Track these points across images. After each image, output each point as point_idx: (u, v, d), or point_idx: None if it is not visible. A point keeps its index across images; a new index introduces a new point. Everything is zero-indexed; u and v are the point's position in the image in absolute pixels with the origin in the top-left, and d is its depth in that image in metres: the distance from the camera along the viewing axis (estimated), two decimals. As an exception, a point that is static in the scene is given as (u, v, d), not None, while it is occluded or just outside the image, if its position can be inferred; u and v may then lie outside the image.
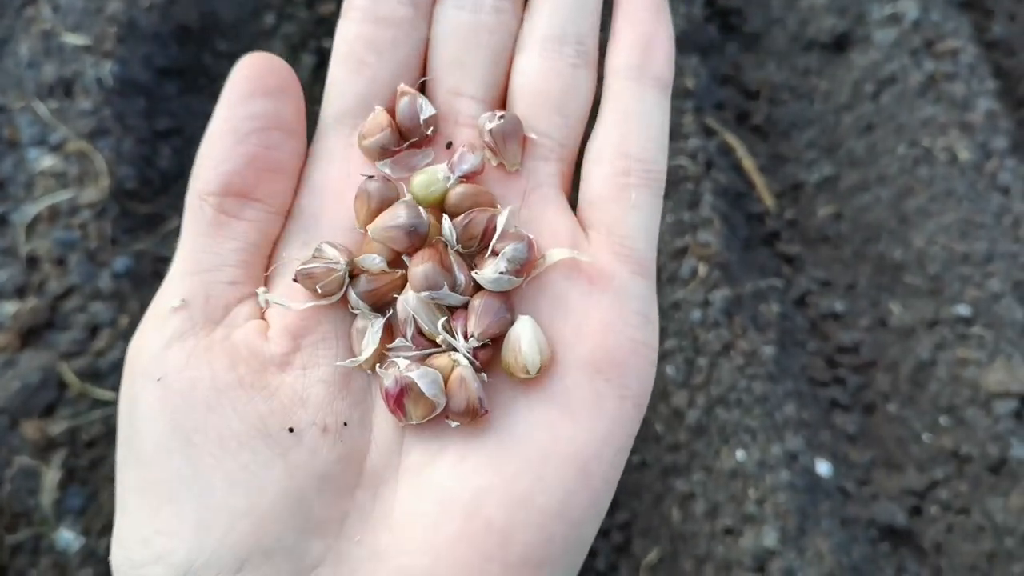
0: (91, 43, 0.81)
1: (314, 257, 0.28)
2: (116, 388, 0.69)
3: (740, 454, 0.71)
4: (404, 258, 0.29)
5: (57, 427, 0.67)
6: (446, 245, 0.29)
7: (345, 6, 0.31)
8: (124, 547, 0.26)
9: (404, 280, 0.28)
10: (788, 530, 0.68)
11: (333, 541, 0.26)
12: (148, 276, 0.74)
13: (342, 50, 0.31)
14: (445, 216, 0.29)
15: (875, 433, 0.81)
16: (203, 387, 0.26)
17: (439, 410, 0.27)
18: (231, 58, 0.90)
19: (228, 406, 0.26)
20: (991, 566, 0.74)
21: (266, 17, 0.89)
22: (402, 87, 0.30)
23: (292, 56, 0.86)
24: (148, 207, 0.78)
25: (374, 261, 0.28)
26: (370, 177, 0.29)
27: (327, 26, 0.87)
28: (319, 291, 0.28)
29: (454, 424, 0.27)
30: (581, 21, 0.31)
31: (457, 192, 0.29)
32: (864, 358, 0.85)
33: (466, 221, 0.28)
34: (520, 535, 0.25)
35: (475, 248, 0.29)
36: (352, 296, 0.28)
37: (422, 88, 0.31)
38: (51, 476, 0.65)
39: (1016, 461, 0.77)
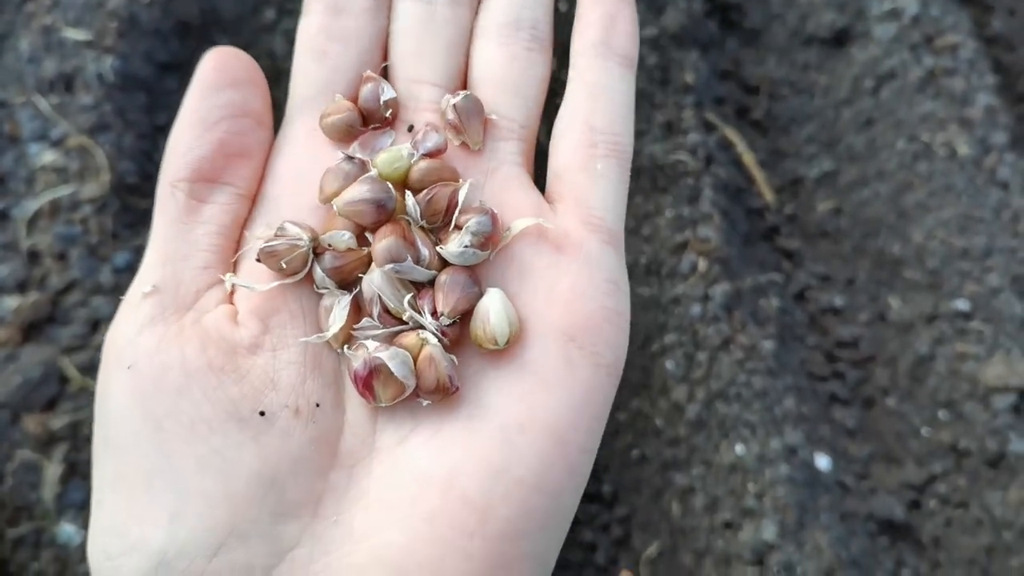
0: (92, 38, 0.81)
1: (276, 235, 0.28)
2: (117, 382, 0.69)
3: (739, 448, 0.71)
4: (368, 236, 0.29)
5: (59, 421, 0.67)
6: (409, 222, 0.29)
7: (305, 1, 0.32)
8: (99, 541, 0.26)
9: (370, 259, 0.28)
10: (787, 524, 0.68)
11: (308, 522, 0.26)
12: (149, 271, 0.74)
13: (304, 41, 0.32)
14: (408, 192, 0.29)
15: (874, 427, 0.81)
16: (173, 372, 0.26)
17: (409, 391, 0.27)
18: (231, 53, 0.90)
19: (198, 390, 0.26)
20: (990, 560, 0.75)
21: (266, 12, 0.89)
22: (367, 73, 0.31)
23: (292, 51, 0.86)
24: (149, 202, 0.78)
25: (342, 237, 0.28)
26: (348, 158, 0.29)
27: (327, 21, 0.87)
28: (283, 268, 0.28)
29: (425, 403, 0.27)
30: (535, 7, 0.32)
31: (419, 168, 0.29)
32: (863, 352, 0.85)
33: (429, 196, 0.28)
34: (498, 508, 0.25)
35: (439, 223, 0.29)
36: (318, 273, 0.28)
37: (384, 75, 0.32)
38: (52, 470, 0.66)
39: (1015, 455, 0.77)
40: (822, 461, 0.74)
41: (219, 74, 0.30)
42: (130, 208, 0.76)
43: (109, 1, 0.83)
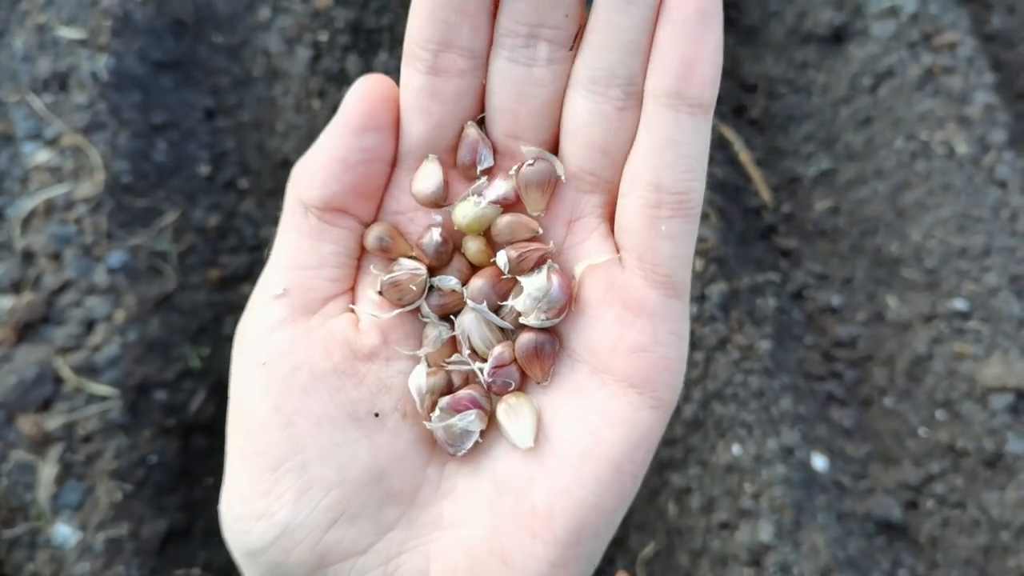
0: (86, 37, 0.80)
1: (395, 269, 0.32)
2: (112, 383, 0.69)
3: (736, 448, 0.71)
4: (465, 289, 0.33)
5: (53, 422, 0.67)
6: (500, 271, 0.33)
7: (406, 54, 0.33)
8: (229, 502, 0.31)
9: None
10: (784, 524, 0.68)
11: (406, 509, 0.31)
12: (144, 270, 0.74)
13: (407, 97, 0.34)
14: (501, 252, 0.33)
15: (871, 427, 0.81)
16: (302, 373, 0.31)
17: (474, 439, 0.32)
18: (227, 52, 0.90)
19: (324, 392, 0.30)
20: (986, 560, 0.74)
21: (261, 10, 0.89)
22: (467, 130, 0.33)
23: (287, 49, 0.86)
24: (144, 201, 0.77)
25: (449, 282, 0.33)
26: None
27: (322, 20, 0.86)
28: (399, 300, 0.32)
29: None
30: (631, 62, 0.31)
31: (503, 222, 0.33)
32: (861, 352, 0.85)
33: (520, 256, 0.32)
34: (559, 519, 0.30)
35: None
36: (424, 307, 0.33)
37: (480, 123, 0.34)
38: (47, 471, 0.65)
39: (1012, 455, 0.77)
40: (819, 461, 0.74)
41: (364, 116, 0.32)
42: (125, 207, 0.76)
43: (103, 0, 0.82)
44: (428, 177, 0.33)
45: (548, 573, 0.30)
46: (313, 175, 0.32)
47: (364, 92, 0.32)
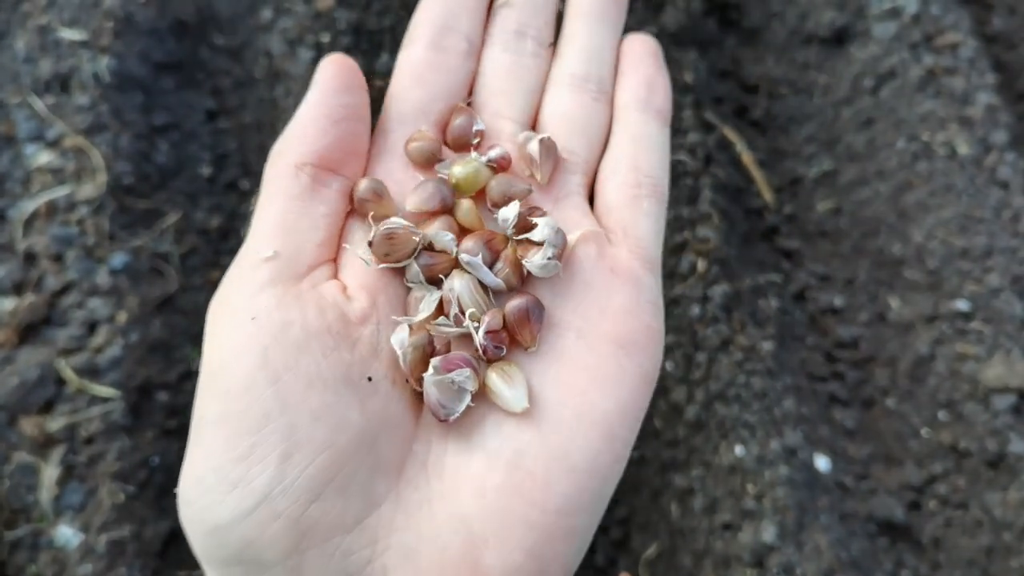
0: (88, 38, 0.80)
1: (388, 229, 0.32)
2: (114, 384, 0.69)
3: (739, 449, 0.71)
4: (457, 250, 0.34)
5: (55, 423, 0.67)
6: (499, 235, 0.34)
7: (410, 34, 0.37)
8: (194, 476, 0.28)
9: (454, 263, 0.33)
10: (787, 525, 0.68)
11: (394, 483, 0.29)
12: (146, 272, 0.74)
13: (405, 67, 0.37)
14: (500, 209, 0.34)
15: (874, 428, 0.81)
16: (295, 329, 0.29)
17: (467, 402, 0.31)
18: (229, 53, 0.90)
19: (318, 349, 0.29)
20: (989, 560, 0.74)
21: (263, 12, 0.89)
22: (459, 104, 0.36)
23: (289, 51, 0.86)
24: (146, 202, 0.77)
25: (446, 238, 0.32)
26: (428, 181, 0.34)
27: (324, 21, 0.86)
28: (388, 256, 0.32)
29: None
30: (602, 64, 0.38)
31: (498, 181, 0.34)
32: (863, 353, 0.85)
33: (518, 215, 0.33)
34: (556, 486, 0.29)
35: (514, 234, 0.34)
36: (412, 268, 0.32)
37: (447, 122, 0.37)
38: (50, 472, 0.65)
39: (1014, 456, 0.77)
40: (822, 462, 0.74)
41: (340, 79, 0.34)
42: (127, 209, 0.76)
43: (105, 1, 0.82)
44: (423, 135, 0.35)
45: (544, 546, 0.29)
46: (303, 134, 0.33)
47: (336, 62, 0.35)
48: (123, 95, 0.80)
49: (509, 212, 0.33)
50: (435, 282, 0.33)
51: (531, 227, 0.32)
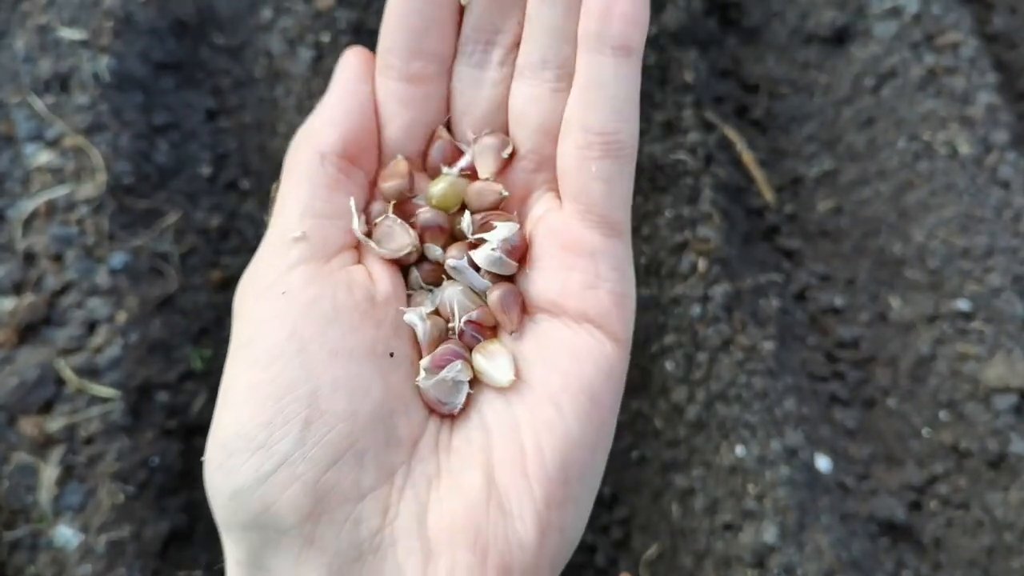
0: (87, 37, 0.80)
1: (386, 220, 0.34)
2: (114, 384, 0.69)
3: (740, 449, 0.71)
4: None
5: (55, 424, 0.67)
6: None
7: (379, 62, 0.36)
8: (220, 439, 0.29)
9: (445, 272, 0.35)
10: (788, 526, 0.68)
11: (406, 458, 0.31)
12: (146, 272, 0.74)
13: (381, 103, 0.36)
14: (467, 213, 0.35)
15: (875, 428, 0.81)
16: (324, 303, 0.30)
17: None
18: (228, 52, 0.89)
19: (346, 324, 0.30)
20: (990, 561, 0.74)
21: (263, 11, 0.89)
22: (437, 132, 0.36)
23: (289, 50, 0.86)
24: (146, 202, 0.77)
25: (435, 251, 0.34)
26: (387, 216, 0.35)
27: (324, 20, 0.86)
28: (384, 250, 0.33)
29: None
30: (560, 47, 0.34)
31: (473, 188, 0.35)
32: (864, 353, 0.84)
33: (482, 219, 0.34)
34: (548, 454, 0.30)
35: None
36: (413, 274, 0.34)
37: (447, 125, 0.37)
38: (49, 473, 0.65)
39: (1016, 456, 0.77)
40: (823, 462, 0.74)
41: (363, 69, 0.35)
42: (126, 209, 0.75)
43: (104, 0, 0.82)
44: (397, 170, 0.36)
45: (543, 515, 0.30)
46: (330, 122, 0.34)
47: (358, 54, 0.35)
48: (123, 95, 0.80)
49: (465, 220, 0.34)
50: (435, 285, 0.35)
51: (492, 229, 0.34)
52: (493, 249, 0.33)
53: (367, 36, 0.87)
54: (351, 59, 0.35)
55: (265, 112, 0.86)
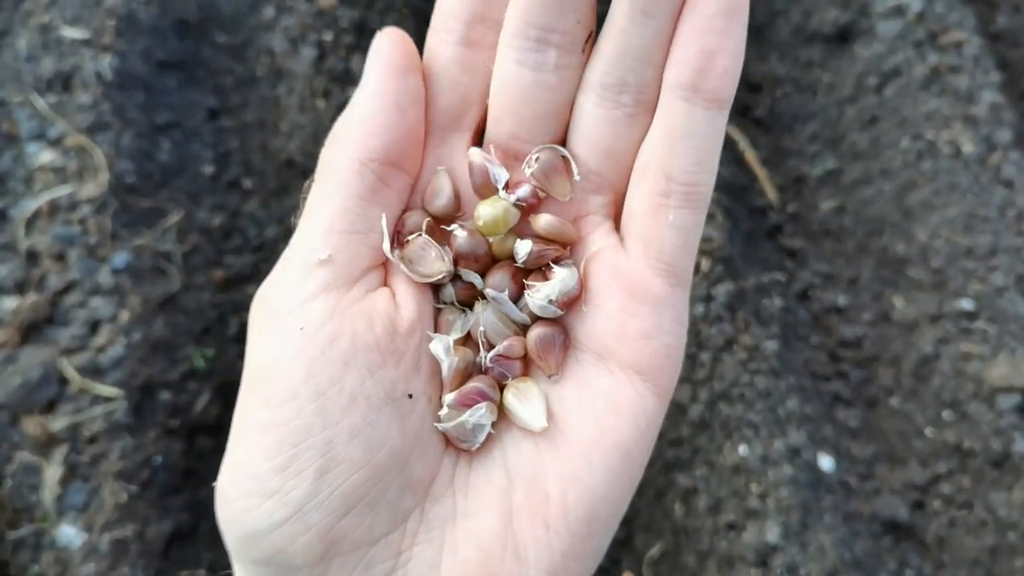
0: (90, 37, 0.80)
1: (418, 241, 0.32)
2: (117, 384, 0.69)
3: (743, 449, 0.71)
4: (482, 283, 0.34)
5: (58, 423, 0.67)
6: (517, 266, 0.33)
7: (435, 27, 0.33)
8: (233, 477, 0.28)
9: (480, 294, 0.33)
10: (791, 525, 0.68)
11: (421, 500, 0.30)
12: (148, 271, 0.74)
13: (435, 71, 0.34)
14: (520, 241, 0.33)
15: (878, 427, 0.81)
16: (344, 343, 0.29)
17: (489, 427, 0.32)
18: (230, 51, 0.89)
19: (364, 366, 0.29)
20: (993, 560, 0.74)
21: (265, 10, 0.89)
22: (472, 153, 0.33)
23: (292, 49, 0.86)
24: (148, 201, 0.77)
25: (473, 276, 0.33)
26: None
27: (326, 19, 0.86)
28: (416, 272, 0.32)
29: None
30: (643, 71, 0.31)
31: (542, 220, 0.33)
32: (867, 352, 0.84)
33: (539, 251, 0.32)
34: (573, 509, 0.29)
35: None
36: (448, 292, 0.33)
37: (482, 127, 0.34)
38: (52, 472, 0.65)
39: (1019, 456, 0.77)
40: (825, 462, 0.74)
41: (403, 58, 0.31)
42: (129, 208, 0.75)
43: (107, -1, 0.82)
44: (441, 191, 0.33)
45: (560, 565, 0.29)
46: (371, 125, 0.31)
47: (393, 37, 0.32)
48: (125, 94, 0.80)
49: (522, 248, 0.32)
50: (468, 304, 0.33)
51: (556, 260, 0.32)
52: (551, 301, 0.32)
53: (369, 35, 0.87)
54: (385, 45, 0.32)
55: (267, 111, 0.86)
